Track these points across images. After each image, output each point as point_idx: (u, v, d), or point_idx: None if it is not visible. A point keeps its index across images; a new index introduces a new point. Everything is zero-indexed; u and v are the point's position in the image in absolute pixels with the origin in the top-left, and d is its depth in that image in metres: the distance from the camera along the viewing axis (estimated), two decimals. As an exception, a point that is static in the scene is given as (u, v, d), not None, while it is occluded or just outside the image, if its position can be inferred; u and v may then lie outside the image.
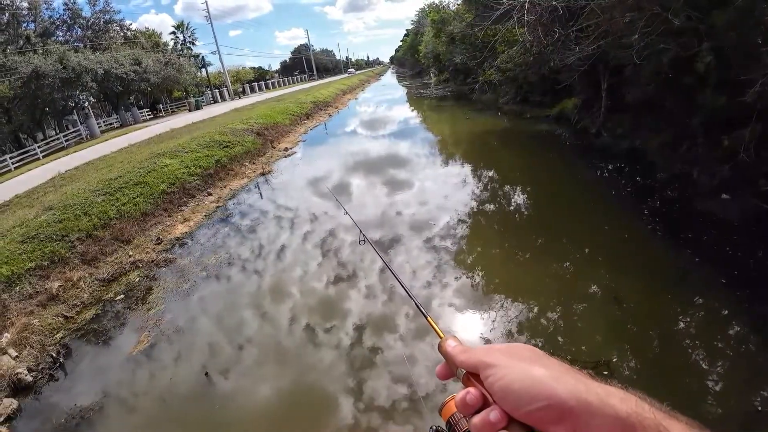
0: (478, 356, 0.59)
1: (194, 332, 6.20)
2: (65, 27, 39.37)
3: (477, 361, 0.59)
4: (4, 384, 5.50)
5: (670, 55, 8.01)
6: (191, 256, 8.88)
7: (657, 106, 9.61)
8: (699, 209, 7.13)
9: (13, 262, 7.95)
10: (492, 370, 0.55)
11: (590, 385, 0.50)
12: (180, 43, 55.21)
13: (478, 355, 0.60)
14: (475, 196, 9.90)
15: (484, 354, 0.59)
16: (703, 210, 7.06)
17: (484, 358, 0.58)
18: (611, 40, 9.10)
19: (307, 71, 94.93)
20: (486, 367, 0.57)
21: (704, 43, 7.33)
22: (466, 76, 29.62)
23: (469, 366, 0.60)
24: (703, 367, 4.22)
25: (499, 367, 0.55)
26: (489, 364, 0.57)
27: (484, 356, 0.58)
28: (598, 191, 9.10)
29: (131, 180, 11.81)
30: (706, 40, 7.30)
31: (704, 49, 7.35)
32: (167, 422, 4.74)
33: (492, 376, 0.55)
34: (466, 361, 0.61)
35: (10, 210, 12.03)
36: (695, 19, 7.19)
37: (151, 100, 43.14)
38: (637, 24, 7.80)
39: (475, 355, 0.60)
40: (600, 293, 5.57)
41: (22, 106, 30.19)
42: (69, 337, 6.62)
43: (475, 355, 0.60)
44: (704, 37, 7.30)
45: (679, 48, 7.77)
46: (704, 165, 7.89)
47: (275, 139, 20.13)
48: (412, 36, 66.45)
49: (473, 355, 0.61)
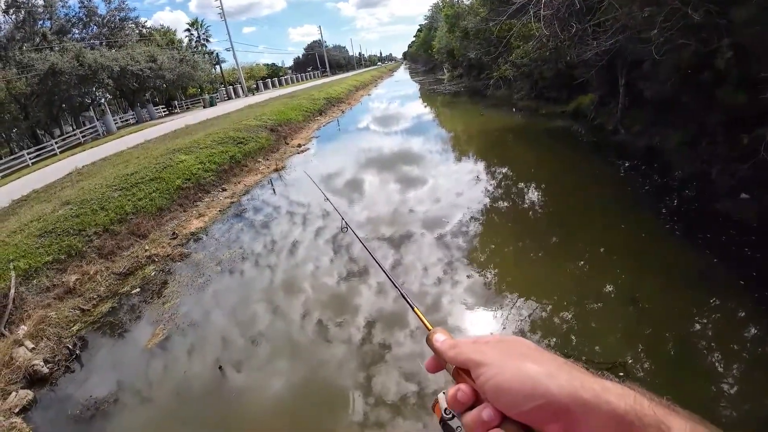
0: (467, 353, 0.57)
1: (208, 326, 6.28)
2: (81, 25, 39.93)
3: (466, 359, 0.57)
4: (20, 375, 5.62)
5: (689, 51, 7.85)
6: (206, 250, 8.97)
7: (676, 103, 9.41)
8: (717, 209, 6.97)
9: (30, 255, 8.12)
10: (483, 369, 0.54)
11: (586, 380, 0.48)
12: (194, 40, 55.72)
13: (467, 352, 0.58)
14: (489, 193, 9.83)
15: (474, 350, 0.57)
16: (722, 210, 6.89)
17: (474, 355, 0.56)
18: (629, 35, 8.94)
19: (320, 68, 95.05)
20: (476, 366, 0.55)
21: (724, 39, 7.16)
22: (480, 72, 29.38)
23: (459, 363, 0.58)
24: (720, 370, 4.13)
25: (490, 365, 0.53)
26: (479, 362, 0.54)
27: (474, 353, 0.56)
28: (614, 189, 8.97)
29: (147, 176, 11.96)
30: (725, 36, 7.13)
31: (724, 45, 7.18)
32: (181, 415, 4.81)
33: (483, 375, 0.53)
34: (456, 357, 0.59)
35: (27, 204, 12.29)
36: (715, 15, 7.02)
37: (166, 97, 43.66)
38: (656, 19, 7.65)
39: (464, 352, 0.58)
40: (616, 293, 5.49)
41: (39, 103, 30.76)
42: (85, 330, 6.75)
43: (464, 352, 0.58)
44: (724, 32, 7.13)
45: (699, 44, 7.60)
46: (723, 164, 7.71)
47: (288, 135, 20.20)
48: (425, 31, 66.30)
49: (462, 351, 0.59)
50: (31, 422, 5.03)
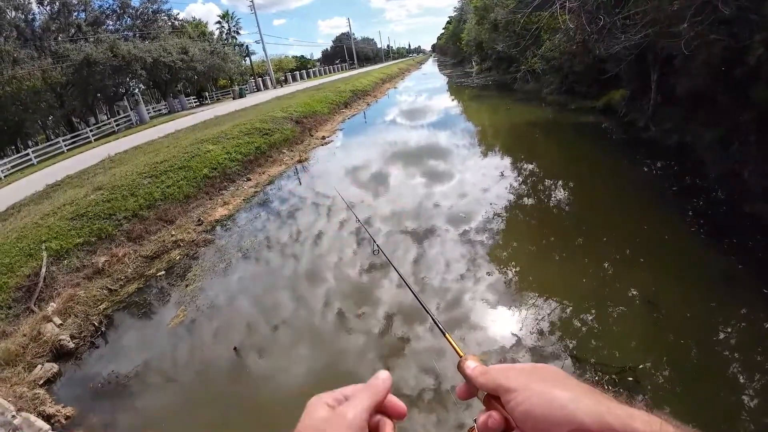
0: (498, 380, 0.58)
1: (228, 309, 6.42)
2: (115, 16, 40.95)
3: (496, 386, 0.58)
4: (47, 349, 5.85)
5: (720, 47, 7.51)
6: (229, 237, 9.14)
7: (708, 100, 9.04)
8: (747, 212, 6.64)
9: (62, 237, 8.42)
10: (512, 395, 0.54)
11: (612, 407, 0.48)
12: (225, 32, 56.45)
13: (498, 378, 0.58)
14: (514, 189, 9.64)
15: (504, 377, 0.58)
16: (752, 213, 6.56)
17: (504, 381, 0.57)
18: (659, 29, 8.61)
19: (348, 60, 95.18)
20: (506, 392, 0.56)
21: (756, 36, 6.81)
22: (509, 65, 28.90)
23: (489, 389, 0.59)
24: (740, 380, 3.92)
25: (519, 391, 0.54)
26: (509, 388, 0.55)
27: (504, 379, 0.57)
28: (641, 188, 8.68)
29: (176, 164, 12.24)
30: (757, 32, 6.79)
31: (756, 41, 6.83)
32: (199, 392, 4.93)
33: (513, 401, 0.54)
34: (486, 384, 0.60)
35: (61, 189, 12.72)
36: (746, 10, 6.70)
37: (197, 88, 44.42)
38: (686, 12, 7.34)
39: (494, 379, 0.59)
40: (636, 296, 5.28)
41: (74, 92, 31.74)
42: (112, 309, 6.99)
43: (495, 379, 0.59)
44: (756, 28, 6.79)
45: (731, 39, 7.26)
46: (755, 164, 7.35)
47: (313, 127, 20.31)
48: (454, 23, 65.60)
49: (492, 377, 0.59)
50: (54, 394, 5.24)
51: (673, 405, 3.74)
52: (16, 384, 5.20)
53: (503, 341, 4.83)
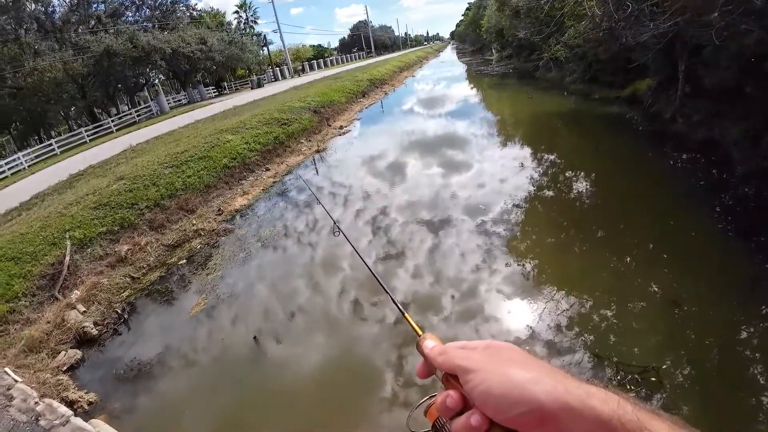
0: (456, 360, 0.58)
1: (248, 297, 6.52)
2: (134, 8, 41.35)
3: (454, 366, 0.58)
4: (70, 336, 6.01)
5: (752, 38, 7.19)
6: (249, 227, 9.24)
7: (738, 93, 8.70)
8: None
9: (85, 226, 8.61)
10: (470, 375, 0.54)
11: (570, 386, 0.49)
12: (243, 22, 56.60)
13: (456, 358, 0.58)
14: (533, 181, 9.47)
15: (462, 357, 0.58)
16: None
17: (462, 362, 0.57)
18: (689, 17, 8.28)
19: (365, 48, 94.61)
20: (464, 372, 0.56)
21: None
22: (530, 53, 28.30)
23: (448, 369, 0.59)
24: (762, 383, 3.80)
25: (478, 371, 0.54)
26: (467, 368, 0.55)
27: (462, 359, 0.57)
28: (666, 182, 8.41)
29: (196, 154, 12.38)
30: None
31: None
32: (219, 378, 5.03)
33: (471, 381, 0.54)
34: (444, 363, 0.60)
35: (84, 179, 13.00)
36: None
37: (216, 78, 44.78)
38: (717, 1, 7.04)
39: (452, 359, 0.59)
40: (659, 293, 5.13)
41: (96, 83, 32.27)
42: (134, 296, 7.16)
43: (453, 359, 0.59)
44: None
45: (762, 30, 6.95)
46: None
47: (331, 117, 20.30)
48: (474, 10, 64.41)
49: (450, 357, 0.59)
50: (77, 380, 5.40)
51: (694, 405, 3.67)
52: (39, 370, 5.35)
53: (518, 333, 4.79)
